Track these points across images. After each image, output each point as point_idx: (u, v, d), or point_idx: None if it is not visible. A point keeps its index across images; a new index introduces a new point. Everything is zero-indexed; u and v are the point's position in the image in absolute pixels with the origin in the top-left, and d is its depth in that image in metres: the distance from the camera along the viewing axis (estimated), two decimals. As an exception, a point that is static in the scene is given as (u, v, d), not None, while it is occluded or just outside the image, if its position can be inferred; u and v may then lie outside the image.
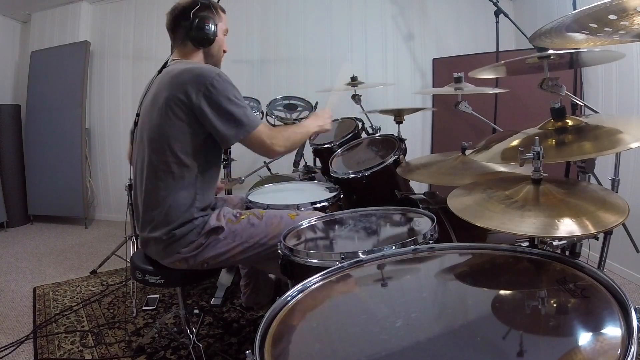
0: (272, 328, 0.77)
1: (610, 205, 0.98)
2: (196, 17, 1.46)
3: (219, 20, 1.53)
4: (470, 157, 1.42)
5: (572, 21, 1.00)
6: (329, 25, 3.71)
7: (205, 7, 1.48)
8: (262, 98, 3.00)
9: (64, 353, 1.87)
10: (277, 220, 1.47)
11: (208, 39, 1.49)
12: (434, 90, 3.54)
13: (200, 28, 1.47)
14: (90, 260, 3.08)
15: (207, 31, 1.48)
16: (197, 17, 1.46)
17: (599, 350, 0.62)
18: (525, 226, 0.94)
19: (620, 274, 2.39)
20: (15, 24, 4.30)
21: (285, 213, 1.51)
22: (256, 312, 2.16)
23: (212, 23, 1.48)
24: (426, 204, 1.64)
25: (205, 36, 1.48)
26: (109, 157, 4.21)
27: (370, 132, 2.40)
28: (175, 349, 1.86)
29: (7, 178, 4.04)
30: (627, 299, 0.69)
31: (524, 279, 0.94)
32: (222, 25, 1.56)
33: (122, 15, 4.05)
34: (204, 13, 1.47)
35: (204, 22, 1.47)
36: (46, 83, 4.01)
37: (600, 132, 1.11)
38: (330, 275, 0.97)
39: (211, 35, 1.49)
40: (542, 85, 1.25)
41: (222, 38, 1.57)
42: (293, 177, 2.28)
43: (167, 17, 1.52)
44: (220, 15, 1.55)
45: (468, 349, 0.69)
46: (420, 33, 3.63)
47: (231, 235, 1.44)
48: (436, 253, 1.08)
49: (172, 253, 1.43)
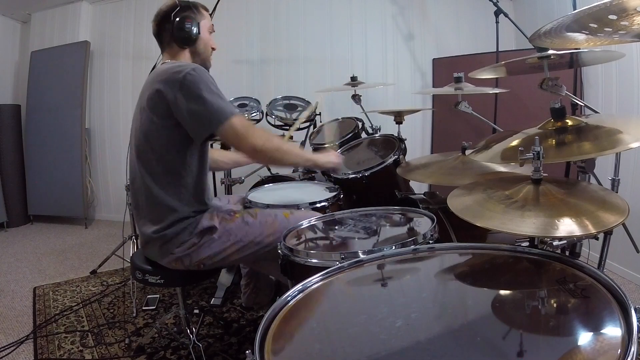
0: (272, 328, 0.77)
1: (610, 205, 0.98)
2: (177, 17, 1.48)
3: (202, 19, 1.54)
4: (470, 157, 1.41)
5: (572, 21, 1.00)
6: (329, 25, 3.71)
7: (186, 8, 1.50)
8: (262, 98, 3.00)
9: (64, 353, 1.87)
10: (272, 219, 1.48)
11: (191, 38, 1.51)
12: (434, 90, 3.54)
13: (181, 28, 1.48)
14: (90, 260, 3.08)
15: (188, 30, 1.49)
16: (178, 17, 1.48)
17: (599, 350, 0.62)
18: (525, 226, 0.94)
19: (620, 274, 2.39)
20: (15, 24, 4.30)
21: (280, 212, 1.52)
22: (256, 312, 2.16)
23: (193, 22, 1.50)
24: (426, 204, 1.64)
25: (187, 35, 1.50)
26: (109, 157, 4.21)
27: (370, 132, 2.41)
28: (175, 349, 1.86)
29: (7, 178, 4.04)
30: (627, 299, 0.69)
31: (524, 279, 0.94)
32: (206, 22, 1.56)
33: (122, 15, 4.05)
34: (185, 13, 1.49)
35: (185, 21, 1.48)
36: (46, 83, 4.01)
37: (600, 132, 1.11)
38: (330, 275, 0.98)
39: (193, 34, 1.50)
40: (542, 85, 1.25)
41: (207, 36, 1.57)
42: (293, 177, 2.28)
43: (152, 25, 1.54)
44: (202, 13, 1.55)
45: (468, 349, 0.69)
46: (420, 33, 3.63)
47: (226, 234, 1.44)
48: (436, 253, 1.08)
49: (166, 253, 1.44)
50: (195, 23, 1.50)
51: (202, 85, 1.33)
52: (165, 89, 1.34)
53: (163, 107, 1.35)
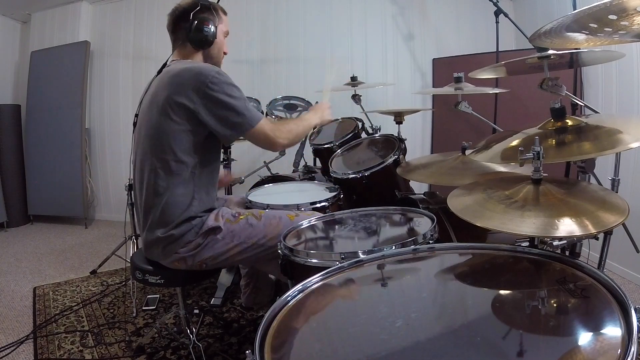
0: (272, 328, 0.77)
1: (610, 205, 0.98)
2: (196, 19, 1.45)
3: (219, 22, 1.52)
4: (470, 157, 1.41)
5: (572, 21, 1.00)
6: (329, 25, 3.71)
7: (206, 9, 1.48)
8: (262, 98, 3.00)
9: (64, 353, 1.87)
10: (276, 221, 1.47)
11: (207, 41, 1.49)
12: (434, 90, 3.54)
13: (200, 30, 1.46)
14: (90, 260, 3.08)
15: (206, 33, 1.47)
16: (197, 19, 1.45)
17: (599, 350, 0.62)
18: (525, 226, 0.94)
19: (620, 274, 2.39)
20: (15, 24, 4.30)
21: (285, 214, 1.51)
22: (256, 312, 2.16)
23: (211, 25, 1.48)
24: (426, 204, 1.64)
25: (205, 38, 1.48)
26: (109, 157, 4.21)
27: (370, 132, 2.40)
28: (175, 349, 1.86)
29: (7, 178, 4.04)
30: (627, 299, 0.69)
31: (524, 279, 0.93)
32: (223, 27, 1.55)
33: (122, 15, 4.05)
34: (204, 15, 1.47)
35: (204, 24, 1.46)
36: (46, 83, 4.01)
37: (600, 132, 1.11)
38: (330, 275, 0.98)
39: (210, 37, 1.49)
40: (542, 85, 1.25)
41: (222, 40, 1.56)
42: (293, 177, 2.28)
43: (168, 18, 1.52)
44: (221, 17, 1.54)
45: (468, 349, 0.69)
46: (420, 33, 3.63)
47: (229, 235, 1.44)
48: (436, 253, 1.08)
49: (170, 253, 1.43)
50: (213, 26, 1.49)
51: (227, 89, 1.35)
52: (190, 92, 1.33)
53: (187, 109, 1.34)
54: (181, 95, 1.34)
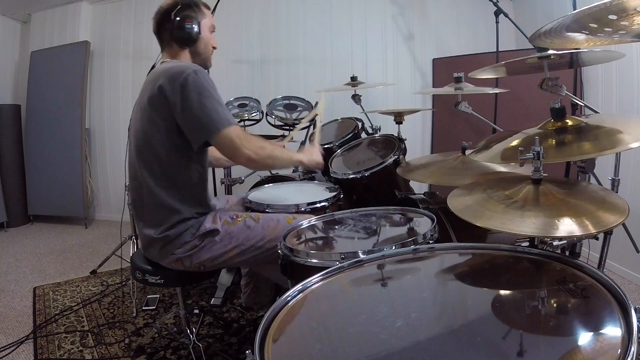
0: (272, 328, 0.77)
1: (610, 205, 0.98)
2: (177, 17, 1.45)
3: (203, 17, 1.51)
4: (470, 157, 1.42)
5: (572, 21, 1.00)
6: (329, 25, 3.71)
7: (187, 7, 1.47)
8: (262, 98, 3.00)
9: (64, 353, 1.87)
10: (274, 224, 1.47)
11: (191, 38, 1.48)
12: (434, 90, 3.54)
13: (182, 28, 1.46)
14: (90, 260, 3.08)
15: (189, 30, 1.47)
16: (179, 17, 1.45)
17: (599, 350, 0.62)
18: (525, 226, 0.94)
19: (620, 274, 2.39)
20: (15, 24, 4.30)
21: (283, 217, 1.51)
22: (256, 312, 2.16)
23: (194, 21, 1.47)
24: (426, 204, 1.64)
25: (188, 35, 1.47)
26: (109, 157, 4.21)
27: (370, 132, 2.41)
28: (175, 349, 1.86)
29: (7, 178, 4.03)
30: (627, 299, 0.69)
31: (524, 279, 0.94)
32: (207, 21, 1.53)
33: (122, 15, 4.05)
34: (185, 12, 1.46)
35: (186, 21, 1.46)
36: (46, 83, 4.01)
37: (600, 132, 1.11)
38: (330, 275, 0.98)
39: (194, 34, 1.48)
40: (542, 85, 1.25)
41: (208, 35, 1.54)
42: (293, 177, 2.28)
43: (152, 22, 1.52)
44: (204, 12, 1.52)
45: (468, 349, 0.69)
46: (420, 33, 3.63)
47: (227, 237, 1.44)
48: (436, 253, 1.08)
49: (167, 254, 1.43)
50: (195, 22, 1.48)
51: (202, 89, 1.32)
52: (167, 90, 1.32)
53: (165, 108, 1.34)
54: (160, 96, 1.33)
